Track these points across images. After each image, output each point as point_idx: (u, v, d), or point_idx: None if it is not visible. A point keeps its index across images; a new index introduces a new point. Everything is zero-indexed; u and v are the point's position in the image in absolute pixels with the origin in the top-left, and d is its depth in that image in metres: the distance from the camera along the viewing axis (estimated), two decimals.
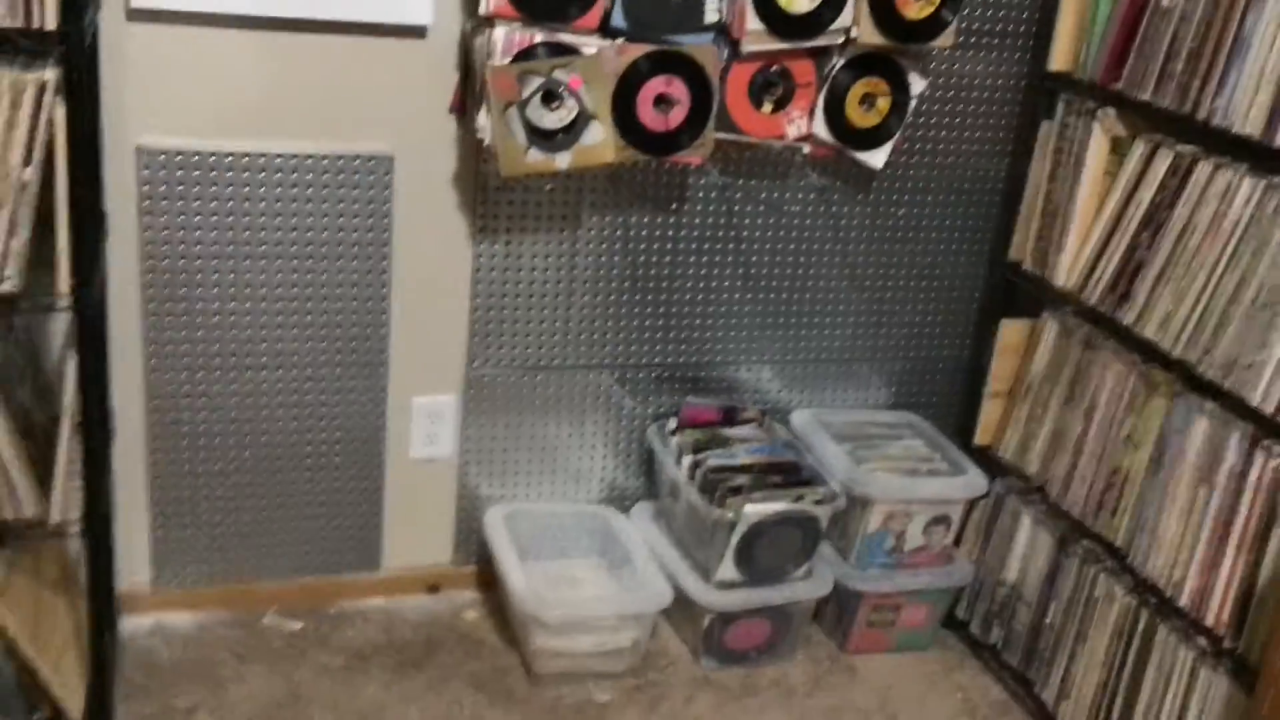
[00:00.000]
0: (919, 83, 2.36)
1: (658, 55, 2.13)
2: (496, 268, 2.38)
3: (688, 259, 2.49)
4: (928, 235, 2.63)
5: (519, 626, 2.36)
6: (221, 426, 2.31)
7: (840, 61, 2.29)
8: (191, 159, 2.13)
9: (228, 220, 2.18)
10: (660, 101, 2.17)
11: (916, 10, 2.24)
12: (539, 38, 2.07)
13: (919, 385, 2.77)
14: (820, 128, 2.33)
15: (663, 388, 2.58)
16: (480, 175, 2.30)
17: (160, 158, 2.11)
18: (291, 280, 2.25)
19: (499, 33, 2.04)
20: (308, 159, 2.19)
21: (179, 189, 2.13)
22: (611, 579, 2.51)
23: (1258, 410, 1.95)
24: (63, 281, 1.78)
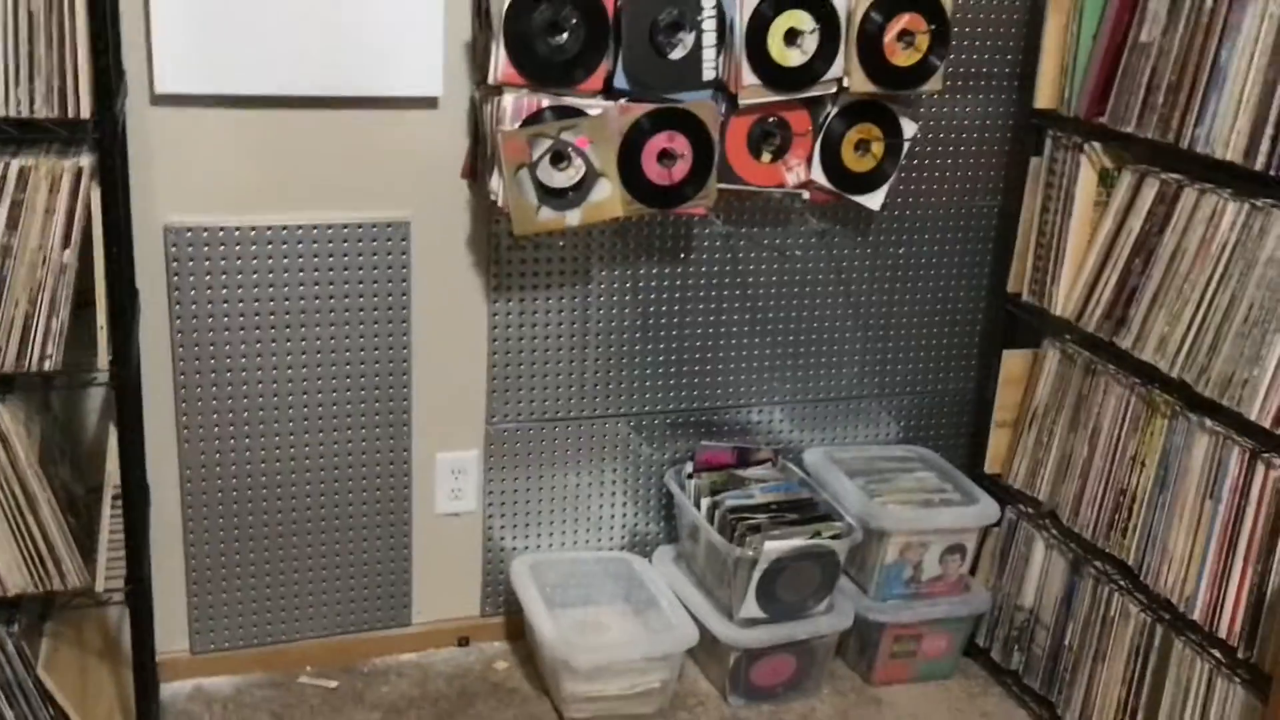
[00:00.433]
0: (911, 126, 2.42)
1: (659, 113, 2.19)
2: (512, 324, 2.43)
3: (696, 306, 2.54)
4: (928, 272, 2.68)
5: (549, 673, 2.40)
6: (253, 492, 2.36)
7: (834, 110, 2.34)
8: (217, 234, 2.19)
9: (253, 291, 2.24)
10: (664, 156, 2.22)
11: (905, 58, 2.30)
12: (546, 102, 2.12)
13: (927, 419, 2.80)
14: (818, 174, 2.38)
15: (678, 433, 2.62)
16: (493, 236, 2.36)
17: (187, 235, 2.18)
18: (316, 346, 2.31)
19: (508, 99, 2.10)
20: (328, 228, 2.25)
21: (206, 264, 2.20)
22: (637, 623, 2.55)
23: (1256, 424, 1.99)
24: (102, 357, 1.84)
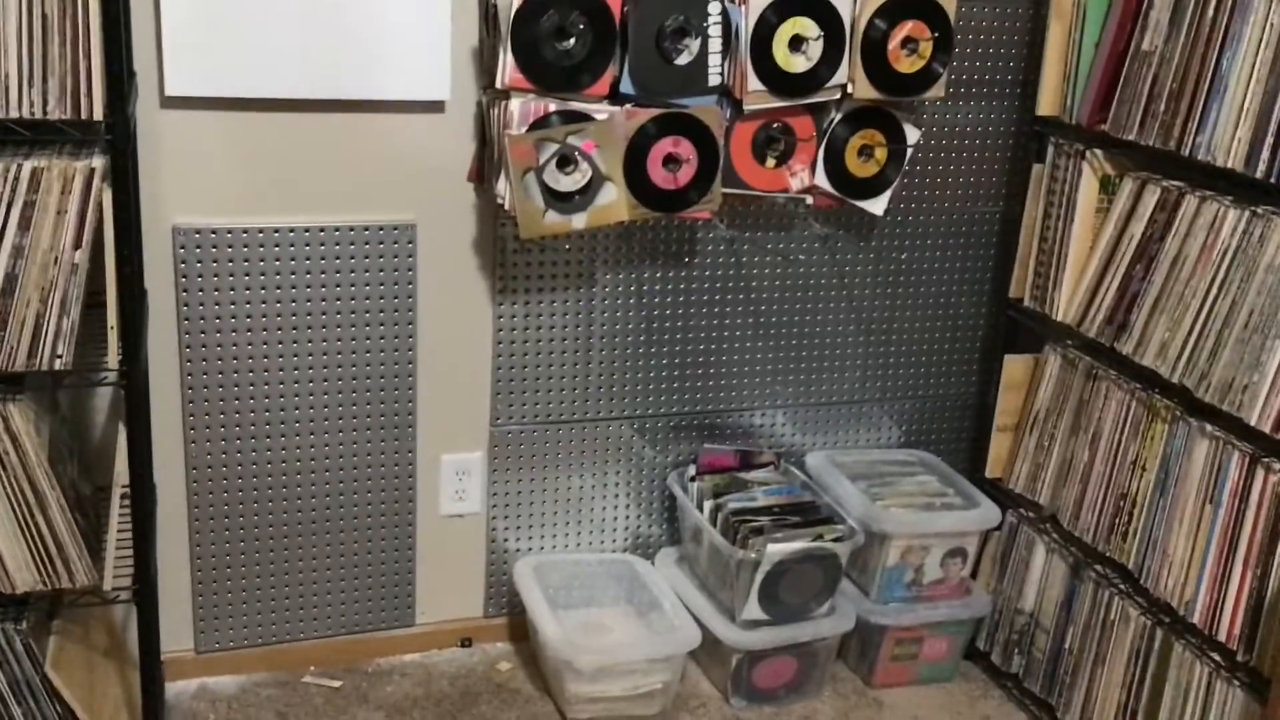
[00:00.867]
0: (914, 133, 2.43)
1: (665, 118, 2.21)
2: (517, 326, 2.45)
3: (700, 310, 2.56)
4: (930, 277, 2.70)
5: (553, 674, 2.41)
6: (258, 492, 2.37)
7: (838, 116, 2.36)
8: (225, 236, 2.21)
9: (260, 293, 2.25)
10: (669, 161, 2.24)
11: (908, 65, 2.32)
12: (552, 107, 2.14)
13: (928, 423, 2.82)
14: (822, 179, 2.40)
15: (680, 436, 2.64)
16: (499, 239, 2.38)
17: (195, 236, 2.19)
18: (322, 347, 2.33)
19: (515, 104, 2.12)
20: (335, 230, 2.27)
21: (213, 265, 2.21)
22: (640, 624, 2.56)
23: (1256, 429, 2.00)
24: (113, 357, 1.86)
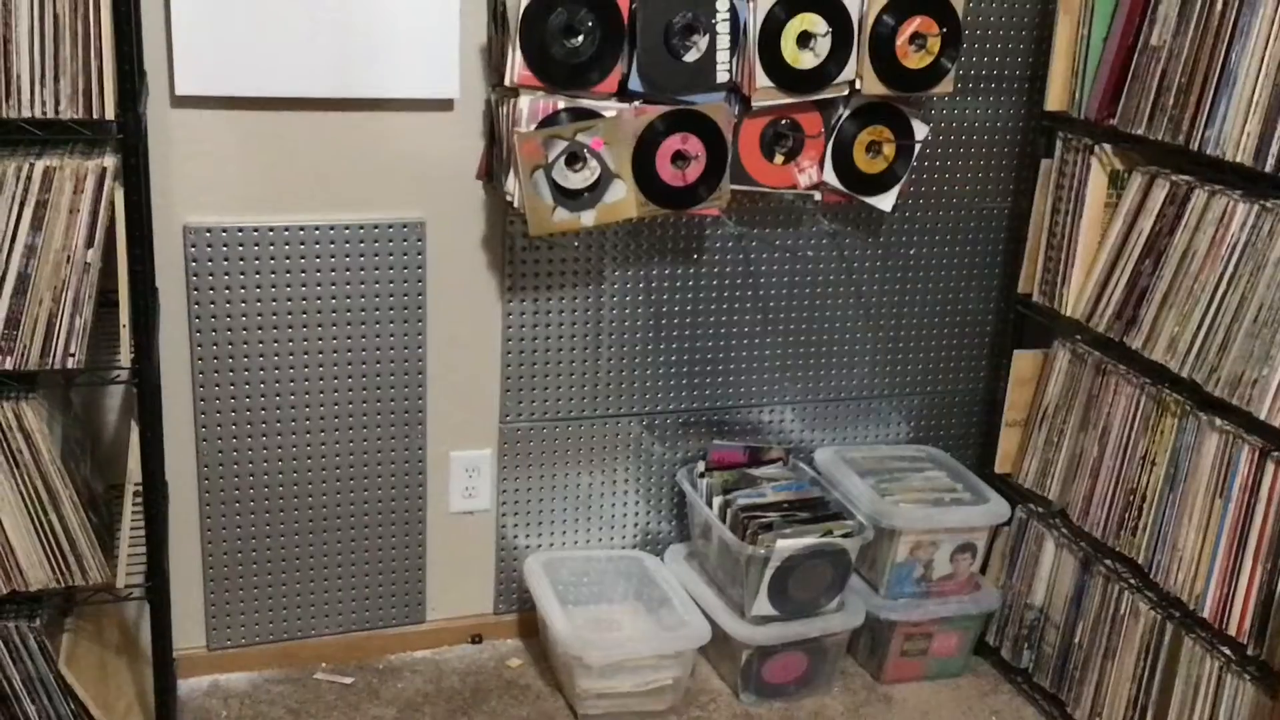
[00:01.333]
0: (922, 128, 2.44)
1: (673, 115, 2.21)
2: (526, 323, 2.46)
3: (709, 307, 2.56)
4: (938, 273, 2.70)
5: (563, 670, 2.42)
6: (269, 489, 2.38)
7: (846, 112, 2.36)
8: (235, 234, 2.21)
9: (271, 291, 2.26)
10: (677, 158, 2.24)
11: (916, 60, 2.32)
12: (561, 104, 2.14)
13: (937, 418, 2.82)
14: (830, 176, 2.40)
15: (689, 432, 2.64)
16: (508, 236, 2.38)
17: (206, 235, 2.20)
18: (332, 345, 2.33)
19: (524, 101, 2.12)
20: (345, 229, 2.27)
21: (224, 263, 2.22)
22: (650, 620, 2.57)
23: (1265, 423, 2.00)
24: (125, 355, 1.87)
